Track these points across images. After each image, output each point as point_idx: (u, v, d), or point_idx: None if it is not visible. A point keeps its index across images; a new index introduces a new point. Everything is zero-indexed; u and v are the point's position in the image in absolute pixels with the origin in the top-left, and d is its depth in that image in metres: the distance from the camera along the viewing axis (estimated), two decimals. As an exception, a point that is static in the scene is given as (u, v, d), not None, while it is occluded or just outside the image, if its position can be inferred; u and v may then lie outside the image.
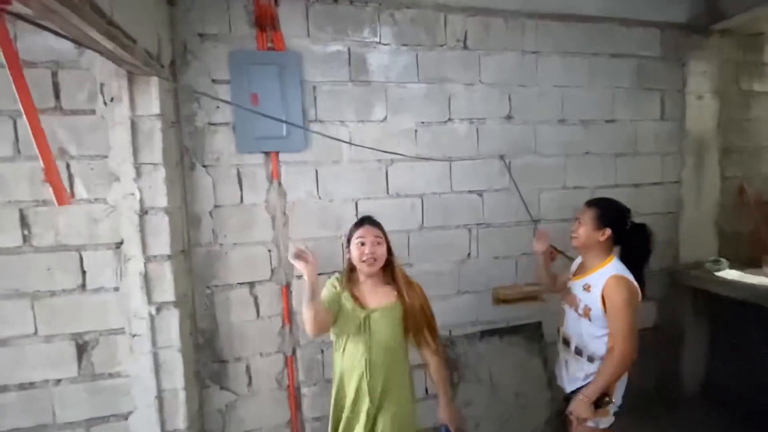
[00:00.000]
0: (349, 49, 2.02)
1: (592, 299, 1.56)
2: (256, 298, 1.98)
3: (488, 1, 2.13)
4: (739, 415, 2.48)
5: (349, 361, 1.48)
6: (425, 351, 1.58)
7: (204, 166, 1.89)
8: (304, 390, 2.08)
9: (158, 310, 1.67)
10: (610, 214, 1.59)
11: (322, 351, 2.08)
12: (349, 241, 1.53)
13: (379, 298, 1.51)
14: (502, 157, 2.28)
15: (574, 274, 1.72)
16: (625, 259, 1.60)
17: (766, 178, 2.80)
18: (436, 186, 2.20)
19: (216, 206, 1.91)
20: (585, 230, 1.60)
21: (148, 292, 1.66)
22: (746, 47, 2.72)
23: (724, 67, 2.65)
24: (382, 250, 1.49)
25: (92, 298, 1.66)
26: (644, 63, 2.49)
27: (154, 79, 1.59)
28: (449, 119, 2.19)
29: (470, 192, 2.26)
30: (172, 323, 1.69)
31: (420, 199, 2.18)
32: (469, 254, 2.28)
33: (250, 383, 2.01)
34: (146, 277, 1.65)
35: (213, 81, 1.87)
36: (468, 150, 2.23)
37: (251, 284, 1.97)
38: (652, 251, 1.62)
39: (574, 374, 1.65)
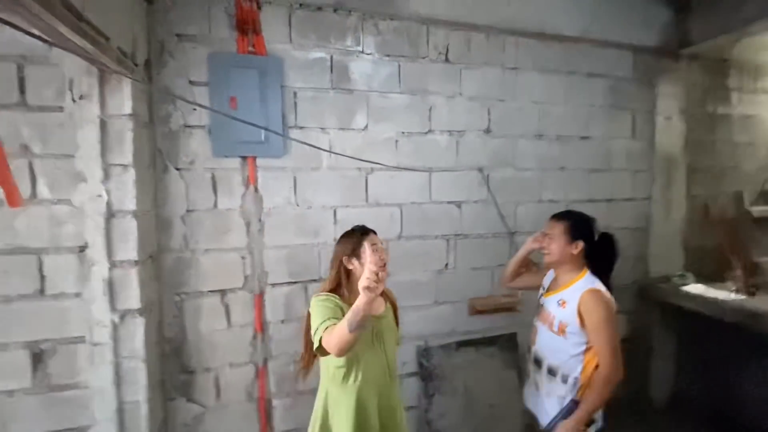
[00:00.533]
0: (331, 57, 2.02)
1: (567, 315, 1.53)
2: (227, 307, 1.92)
3: (470, 17, 2.18)
4: (707, 426, 2.55)
5: (369, 380, 1.38)
6: None
7: (177, 169, 1.83)
8: (276, 402, 2.02)
9: (122, 317, 1.60)
10: (580, 226, 1.58)
11: (295, 362, 2.03)
12: (353, 251, 1.39)
13: (377, 306, 1.46)
14: (480, 170, 2.31)
15: (548, 290, 1.69)
16: (593, 269, 1.58)
17: (728, 196, 2.93)
18: (415, 196, 2.20)
19: (188, 211, 1.85)
20: (558, 245, 1.57)
21: (112, 299, 1.58)
22: (712, 72, 2.86)
23: (691, 90, 2.78)
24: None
25: (51, 304, 1.57)
26: (617, 83, 2.59)
27: (127, 78, 1.54)
28: (430, 130, 2.21)
29: (449, 203, 2.27)
30: (136, 332, 1.62)
31: (399, 208, 2.18)
32: (446, 265, 2.29)
33: (218, 395, 1.94)
34: (111, 283, 1.58)
35: (190, 82, 1.83)
36: (448, 161, 2.25)
37: (223, 292, 1.91)
38: (618, 260, 1.62)
39: (548, 396, 1.59)
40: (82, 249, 1.58)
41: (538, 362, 1.65)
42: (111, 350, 1.60)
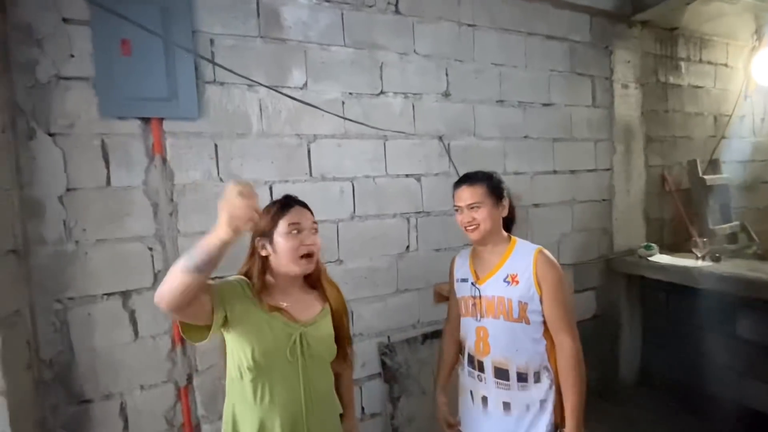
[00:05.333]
0: (257, -1, 1.65)
1: (525, 290, 1.23)
2: (132, 313, 1.49)
3: (421, -38, 1.91)
4: (675, 399, 2.49)
5: (277, 404, 1.03)
6: (339, 362, 1.20)
7: (50, 135, 1.38)
8: (206, 427, 1.62)
9: (-39, 337, 1.14)
10: (497, 183, 1.31)
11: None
12: (268, 231, 1.05)
13: (308, 308, 1.12)
14: (440, 138, 2.05)
15: (479, 277, 1.32)
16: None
17: (682, 166, 2.92)
18: (368, 168, 1.89)
19: (70, 189, 1.40)
20: (486, 211, 1.26)
21: (-57, 312, 1.12)
22: (663, 41, 2.82)
23: (644, 59, 2.72)
24: (319, 242, 1.09)
25: None
26: (576, 47, 2.45)
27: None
28: (382, 92, 1.91)
29: (408, 176, 1.99)
30: (-15, 356, 1.16)
31: (350, 183, 1.86)
32: (408, 247, 2.00)
33: (126, 427, 1.50)
34: (-62, 290, 1.11)
35: (64, 20, 1.39)
36: (404, 128, 1.96)
37: (125, 294, 1.48)
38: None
39: (528, 410, 1.24)
40: None
41: (502, 375, 1.25)
42: (-55, 385, 1.13)
